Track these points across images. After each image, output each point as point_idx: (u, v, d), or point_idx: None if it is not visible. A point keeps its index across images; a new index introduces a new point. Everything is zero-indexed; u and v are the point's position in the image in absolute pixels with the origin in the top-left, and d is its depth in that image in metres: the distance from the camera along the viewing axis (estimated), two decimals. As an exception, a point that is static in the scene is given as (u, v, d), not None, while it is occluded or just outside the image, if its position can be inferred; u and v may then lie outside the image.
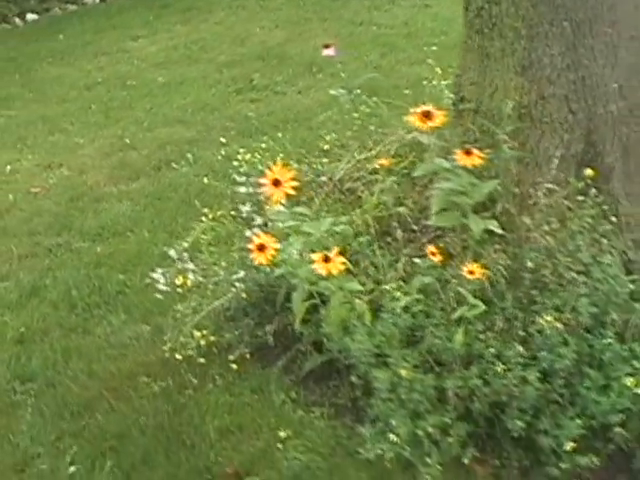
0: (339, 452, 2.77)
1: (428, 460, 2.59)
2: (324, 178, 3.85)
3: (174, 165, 5.13)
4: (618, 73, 3.19)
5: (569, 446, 2.50)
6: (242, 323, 3.26)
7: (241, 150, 4.37)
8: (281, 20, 7.97)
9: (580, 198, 3.06)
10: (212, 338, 3.24)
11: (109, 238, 4.39)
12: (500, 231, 2.91)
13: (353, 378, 2.82)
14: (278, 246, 2.74)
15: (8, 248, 4.40)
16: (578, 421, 2.55)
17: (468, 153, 2.73)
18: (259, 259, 2.75)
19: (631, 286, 2.79)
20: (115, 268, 4.06)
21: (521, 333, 2.73)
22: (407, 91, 5.04)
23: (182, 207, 4.47)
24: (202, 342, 3.19)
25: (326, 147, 4.30)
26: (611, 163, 3.26)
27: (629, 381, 2.51)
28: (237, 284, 3.12)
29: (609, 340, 2.66)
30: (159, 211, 4.57)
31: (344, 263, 2.72)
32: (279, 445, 2.85)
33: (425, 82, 4.34)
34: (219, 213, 3.62)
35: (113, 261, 4.12)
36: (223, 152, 4.94)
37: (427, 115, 2.83)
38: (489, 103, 3.34)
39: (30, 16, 9.69)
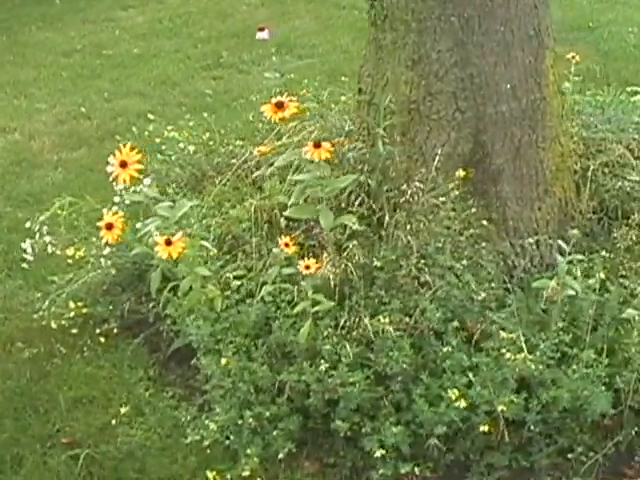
0: (175, 434, 2.77)
1: (248, 451, 2.57)
2: (234, 161, 3.85)
3: (118, 137, 5.12)
4: (512, 73, 3.13)
5: (379, 452, 2.46)
6: (116, 298, 3.27)
7: (169, 127, 4.41)
8: (269, -2, 7.93)
9: (454, 198, 3.00)
10: (85, 310, 3.26)
11: (33, 205, 4.41)
12: (357, 227, 2.87)
13: (195, 362, 2.82)
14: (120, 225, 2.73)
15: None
16: (400, 428, 2.51)
17: (317, 146, 2.69)
18: (107, 237, 2.75)
19: (483, 294, 2.74)
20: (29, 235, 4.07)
21: (360, 333, 2.69)
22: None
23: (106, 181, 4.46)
24: (72, 313, 3.20)
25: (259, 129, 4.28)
26: (500, 165, 3.19)
27: (453, 394, 2.46)
28: (102, 260, 3.12)
29: (449, 348, 2.62)
30: (87, 182, 4.57)
31: (185, 247, 2.69)
32: (123, 420, 2.86)
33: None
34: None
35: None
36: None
37: (279, 105, 2.80)
38: (380, 96, 3.30)
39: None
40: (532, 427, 2.60)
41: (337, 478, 2.64)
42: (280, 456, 2.56)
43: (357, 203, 3.13)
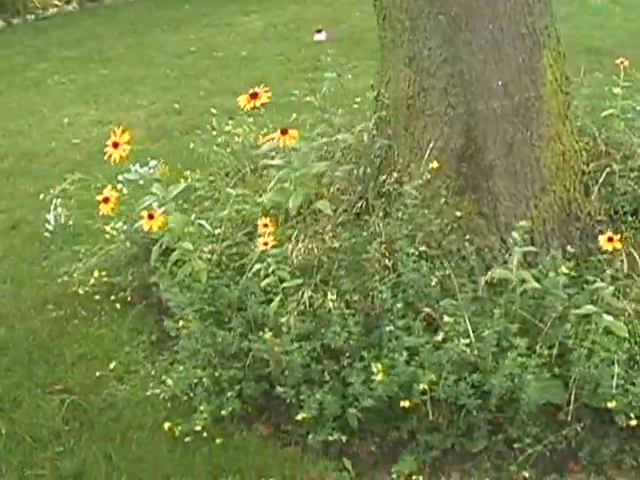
0: (151, 387, 3.03)
1: (202, 407, 2.81)
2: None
3: (198, 131, 5.51)
4: (503, 70, 3.19)
5: (301, 416, 2.64)
6: (135, 269, 3.60)
7: (230, 122, 4.72)
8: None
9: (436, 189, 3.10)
10: (106, 279, 3.61)
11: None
12: (329, 211, 3.03)
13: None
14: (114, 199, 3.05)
15: (25, 187, 4.99)
16: (331, 397, 2.67)
17: (284, 133, 2.90)
18: (103, 210, 3.07)
19: (434, 280, 2.83)
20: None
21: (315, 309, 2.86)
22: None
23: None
24: (93, 281, 3.57)
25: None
26: (492, 161, 3.25)
27: (376, 367, 2.59)
28: (115, 233, 3.47)
29: (391, 327, 2.74)
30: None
31: (165, 222, 2.96)
32: (115, 376, 3.18)
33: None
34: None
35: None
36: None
37: (254, 96, 3.03)
38: (384, 92, 3.45)
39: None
40: (475, 413, 2.68)
41: (286, 442, 2.82)
42: (223, 413, 2.77)
43: (350, 192, 3.31)
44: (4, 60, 8.21)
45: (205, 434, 2.78)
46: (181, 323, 2.92)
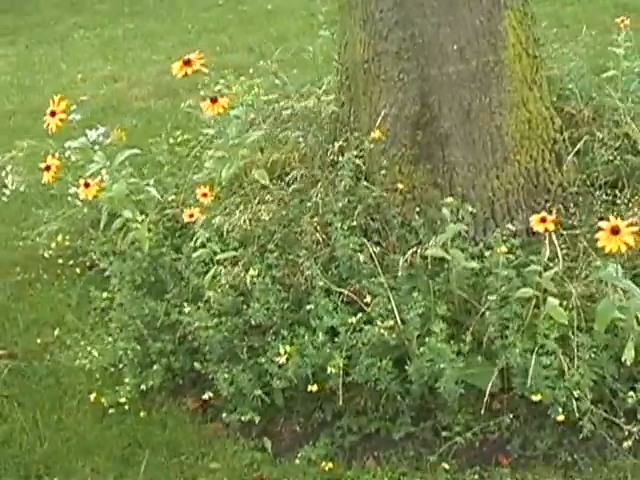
0: (81, 357, 3.01)
1: (127, 380, 2.79)
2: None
3: (199, 87, 5.42)
4: (458, 33, 3.00)
5: (207, 395, 2.65)
6: (96, 234, 3.59)
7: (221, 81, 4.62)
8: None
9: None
10: (68, 243, 3.61)
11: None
12: (264, 181, 2.93)
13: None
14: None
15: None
16: (249, 375, 2.61)
17: (213, 101, 2.82)
18: (45, 178, 3.05)
19: (362, 256, 2.71)
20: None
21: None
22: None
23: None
24: (54, 245, 3.57)
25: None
26: (449, 129, 3.08)
27: (284, 348, 2.52)
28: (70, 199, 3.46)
29: (312, 306, 2.64)
30: (148, 130, 4.94)
31: (100, 189, 2.92)
32: (62, 343, 3.19)
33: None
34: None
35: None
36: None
37: (187, 62, 2.94)
38: (343, 55, 3.30)
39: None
40: (398, 398, 2.59)
41: (211, 418, 2.78)
42: (142, 387, 2.76)
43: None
44: (37, 13, 8.28)
45: (129, 407, 2.77)
46: (105, 294, 2.88)
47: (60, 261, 3.63)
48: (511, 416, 2.56)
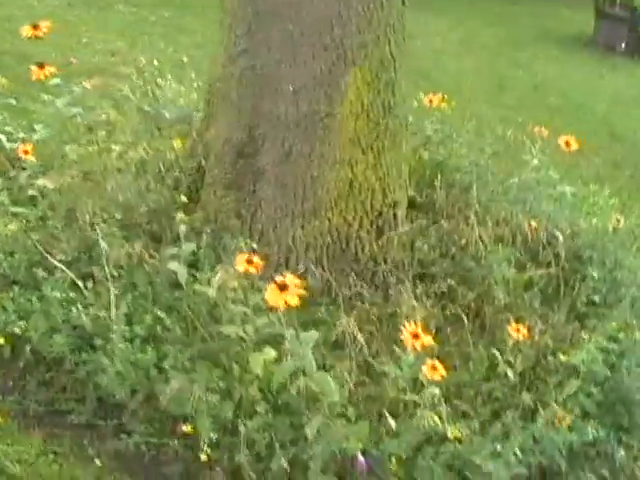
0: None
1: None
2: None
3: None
4: (297, 76, 3.02)
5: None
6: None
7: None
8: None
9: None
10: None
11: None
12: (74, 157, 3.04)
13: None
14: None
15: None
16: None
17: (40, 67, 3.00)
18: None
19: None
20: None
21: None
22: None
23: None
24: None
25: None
26: (265, 165, 3.11)
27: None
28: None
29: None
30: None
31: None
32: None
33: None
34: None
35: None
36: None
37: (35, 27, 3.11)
38: (210, 70, 3.42)
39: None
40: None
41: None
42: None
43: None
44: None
45: None
46: None
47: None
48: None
